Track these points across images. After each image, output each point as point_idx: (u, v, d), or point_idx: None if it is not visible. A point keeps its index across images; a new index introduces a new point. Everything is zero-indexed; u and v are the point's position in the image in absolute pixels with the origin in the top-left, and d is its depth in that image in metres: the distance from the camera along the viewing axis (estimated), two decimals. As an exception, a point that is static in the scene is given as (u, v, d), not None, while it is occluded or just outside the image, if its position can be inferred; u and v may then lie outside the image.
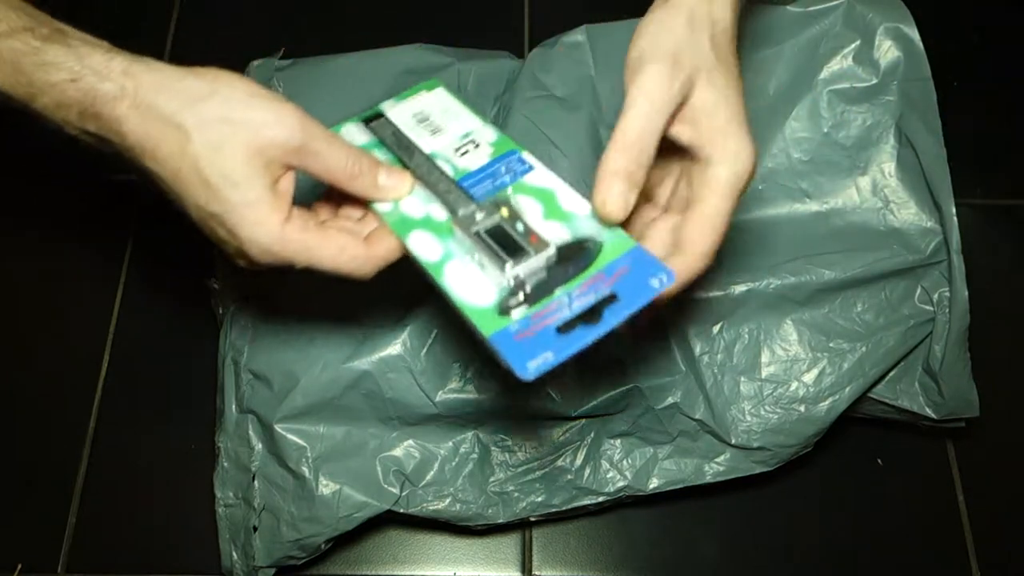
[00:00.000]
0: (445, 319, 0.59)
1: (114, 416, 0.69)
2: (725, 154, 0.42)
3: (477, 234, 0.42)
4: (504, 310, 0.40)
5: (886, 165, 0.62)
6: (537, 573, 0.64)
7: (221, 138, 0.40)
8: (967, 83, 0.79)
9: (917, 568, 0.64)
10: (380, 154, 0.47)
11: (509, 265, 0.41)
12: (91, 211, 0.76)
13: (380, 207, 0.45)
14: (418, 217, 0.45)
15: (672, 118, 0.42)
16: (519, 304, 0.40)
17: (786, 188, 0.62)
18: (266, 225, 0.41)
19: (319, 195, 0.47)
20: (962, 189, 0.59)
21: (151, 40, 0.83)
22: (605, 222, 0.42)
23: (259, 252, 0.41)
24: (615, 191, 0.41)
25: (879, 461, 0.67)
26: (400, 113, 0.50)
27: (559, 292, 0.40)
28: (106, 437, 0.68)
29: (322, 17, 0.85)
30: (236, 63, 0.69)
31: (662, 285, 0.40)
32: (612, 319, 0.39)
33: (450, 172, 0.46)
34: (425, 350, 0.59)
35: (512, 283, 0.41)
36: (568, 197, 0.45)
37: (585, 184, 0.62)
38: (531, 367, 0.38)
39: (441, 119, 0.50)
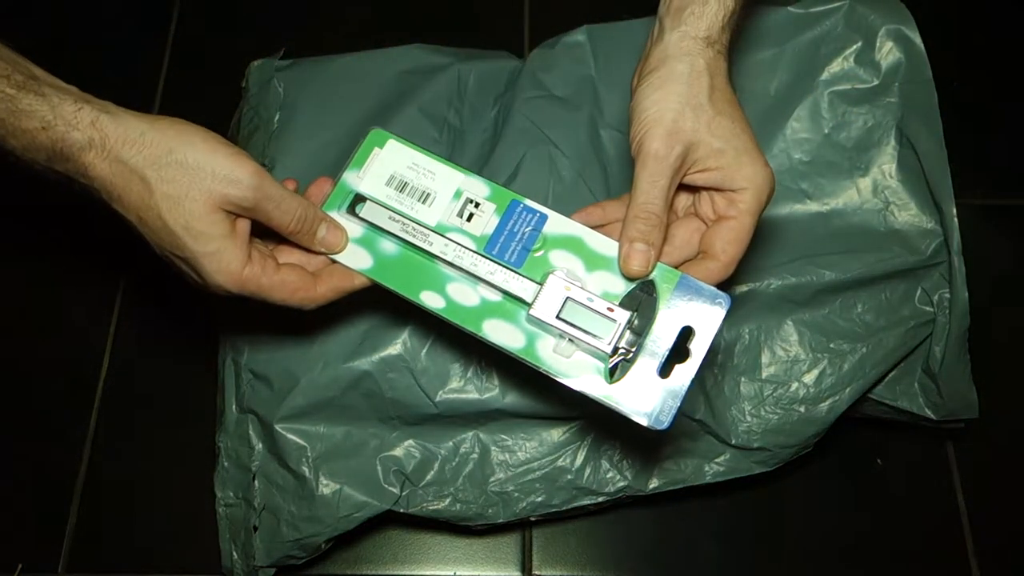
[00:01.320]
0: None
1: (114, 417, 0.69)
2: (745, 181, 0.47)
3: (560, 319, 0.46)
4: (613, 375, 0.45)
5: (887, 166, 0.62)
6: (537, 573, 0.64)
7: (180, 192, 0.42)
8: (967, 83, 0.79)
9: (917, 568, 0.64)
10: (389, 244, 0.49)
11: (605, 343, 0.45)
12: (91, 211, 0.76)
13: (432, 304, 0.48)
14: (476, 305, 0.48)
15: (680, 175, 0.47)
16: (624, 365, 0.45)
17: (787, 189, 0.62)
18: (225, 272, 0.44)
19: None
20: (962, 189, 0.59)
21: (151, 40, 0.83)
22: (629, 278, 0.47)
23: (219, 291, 0.45)
24: (637, 253, 0.46)
25: (879, 461, 0.67)
26: (373, 186, 0.50)
27: (647, 341, 0.45)
28: (106, 437, 0.68)
29: (322, 17, 0.85)
30: (236, 63, 0.70)
31: (724, 307, 0.45)
32: (700, 350, 0.45)
33: (472, 244, 0.48)
34: (425, 350, 0.59)
35: (612, 353, 0.45)
36: (596, 241, 0.48)
37: (585, 182, 0.62)
38: (664, 420, 0.44)
39: (420, 181, 0.50)
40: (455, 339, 0.59)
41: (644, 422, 0.44)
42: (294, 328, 0.60)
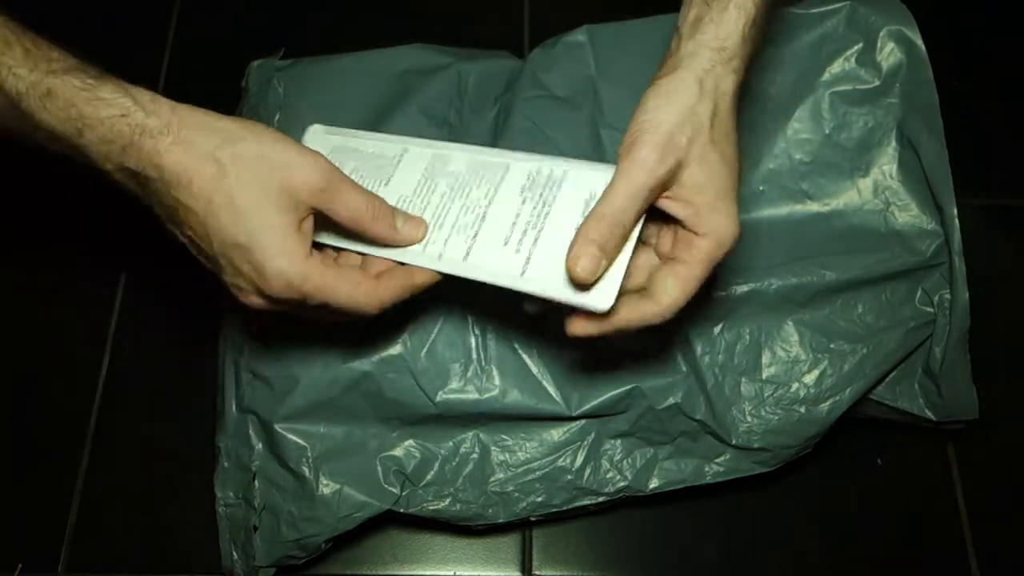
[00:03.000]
0: (445, 319, 0.59)
1: (114, 416, 0.69)
2: (709, 228, 0.44)
3: None
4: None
5: (887, 167, 0.62)
6: (537, 573, 0.64)
7: (255, 174, 0.42)
8: (967, 83, 0.79)
9: (917, 568, 0.64)
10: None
11: None
12: (91, 210, 0.76)
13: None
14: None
15: (658, 193, 0.44)
16: None
17: (787, 189, 0.62)
18: (292, 256, 0.43)
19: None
20: (962, 190, 0.59)
21: (151, 40, 0.83)
22: (573, 281, 0.43)
23: (280, 285, 0.43)
24: (586, 256, 0.42)
25: (879, 461, 0.67)
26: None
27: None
28: (106, 437, 0.68)
29: (322, 17, 0.85)
30: (236, 63, 0.70)
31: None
32: None
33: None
34: (425, 350, 0.59)
35: None
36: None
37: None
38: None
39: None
40: (456, 339, 0.59)
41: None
42: (294, 328, 0.60)
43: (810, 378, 0.59)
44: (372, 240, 0.47)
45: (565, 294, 0.44)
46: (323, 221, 0.46)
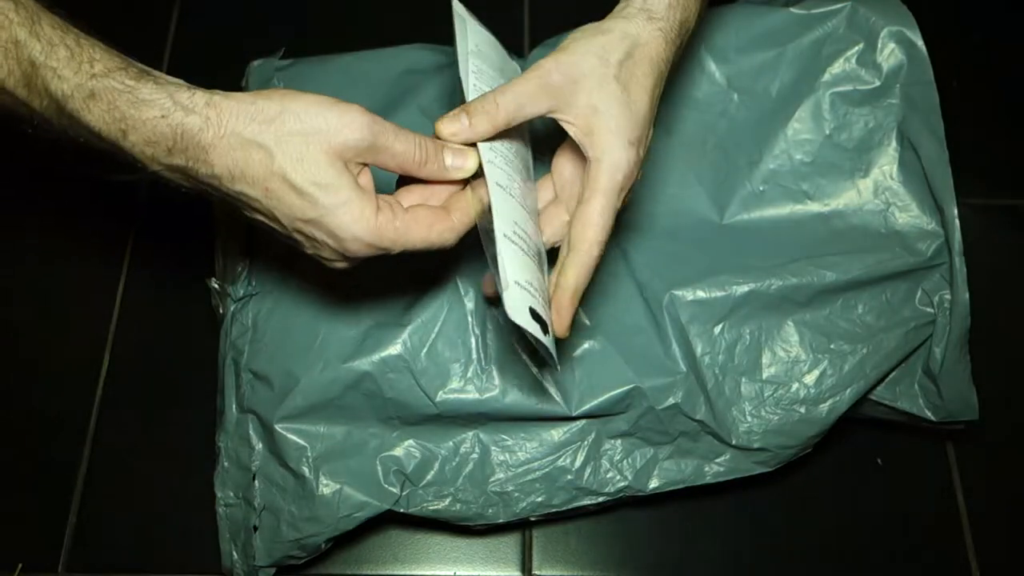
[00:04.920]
0: (445, 319, 0.59)
1: (114, 416, 0.69)
2: (602, 151, 0.47)
3: None
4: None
5: (887, 167, 0.62)
6: (537, 573, 0.64)
7: (301, 150, 0.43)
8: (967, 83, 0.79)
9: (917, 568, 0.64)
10: None
11: None
12: (91, 210, 0.76)
13: None
14: None
15: (548, 99, 0.47)
16: None
17: (788, 189, 0.62)
18: (362, 220, 0.44)
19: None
20: (961, 190, 0.59)
21: (151, 39, 0.83)
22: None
23: (360, 247, 0.45)
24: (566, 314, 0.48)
25: (879, 461, 0.67)
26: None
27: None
28: (106, 437, 0.68)
29: (322, 17, 0.85)
30: (236, 63, 0.70)
31: None
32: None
33: None
34: (425, 350, 0.59)
35: None
36: None
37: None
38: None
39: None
40: (456, 339, 0.59)
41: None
42: (295, 328, 0.60)
43: (810, 378, 0.59)
44: (424, 180, 0.48)
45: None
46: None
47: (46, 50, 0.41)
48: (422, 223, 0.46)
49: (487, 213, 0.46)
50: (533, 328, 0.45)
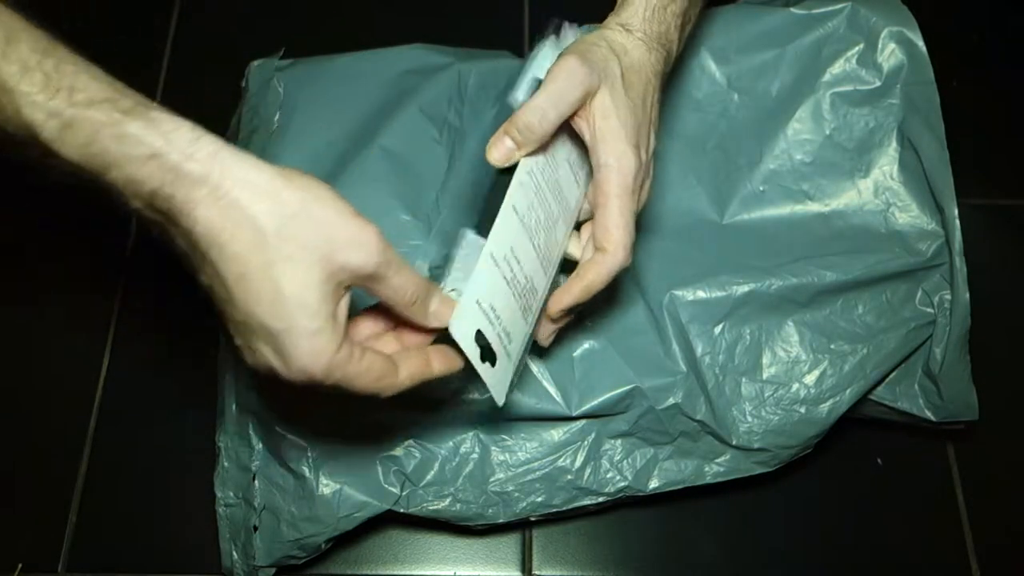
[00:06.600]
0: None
1: (114, 416, 0.69)
2: (611, 154, 0.47)
3: None
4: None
5: (888, 168, 0.62)
6: (537, 573, 0.64)
7: (299, 253, 0.38)
8: (967, 83, 0.79)
9: (917, 568, 0.64)
10: None
11: None
12: (91, 210, 0.76)
13: None
14: None
15: (574, 106, 0.47)
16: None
17: (788, 189, 0.62)
18: (320, 356, 0.39)
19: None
20: (961, 190, 0.59)
21: (151, 39, 0.83)
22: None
23: (300, 377, 0.40)
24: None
25: (879, 461, 0.67)
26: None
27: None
28: (106, 437, 0.68)
29: (322, 17, 0.85)
30: (236, 63, 0.70)
31: None
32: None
33: None
34: (426, 350, 0.59)
35: None
36: None
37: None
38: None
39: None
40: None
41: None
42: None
43: (810, 378, 0.59)
44: (401, 318, 0.45)
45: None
46: None
47: (19, 74, 0.37)
48: (373, 374, 0.42)
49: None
50: (470, 349, 0.44)
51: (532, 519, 0.61)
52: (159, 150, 0.37)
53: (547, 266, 0.50)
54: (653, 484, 0.60)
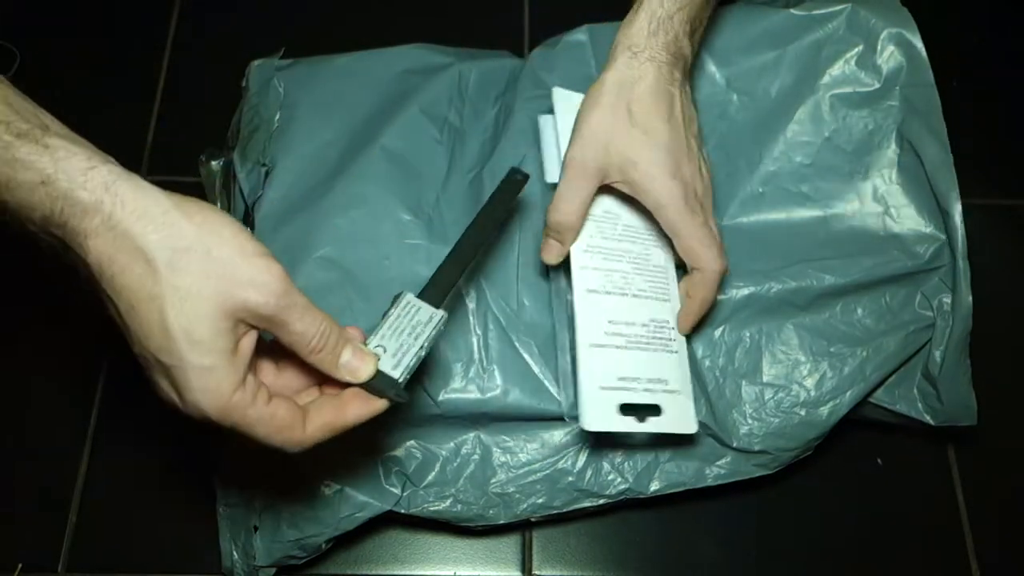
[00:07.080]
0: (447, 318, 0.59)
1: (115, 415, 0.69)
2: (652, 196, 0.52)
3: None
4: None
5: (887, 170, 0.62)
6: (537, 573, 0.64)
7: (192, 287, 0.37)
8: (967, 83, 0.79)
9: (917, 568, 0.64)
10: None
11: None
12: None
13: None
14: None
15: (597, 180, 0.53)
16: None
17: (787, 192, 0.62)
18: (214, 394, 0.38)
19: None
20: (962, 190, 0.59)
21: (151, 40, 0.83)
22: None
23: (196, 414, 0.39)
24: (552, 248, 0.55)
25: (879, 461, 0.67)
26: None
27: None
28: (106, 437, 0.68)
29: (322, 17, 0.84)
30: (236, 63, 0.70)
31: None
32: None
33: None
34: (426, 350, 0.59)
35: None
36: None
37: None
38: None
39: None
40: (457, 339, 0.59)
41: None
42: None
43: (810, 381, 0.59)
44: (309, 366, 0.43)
45: None
46: None
47: None
48: (275, 423, 0.40)
49: None
50: (620, 425, 0.49)
51: (532, 520, 0.61)
52: (48, 177, 0.36)
53: (661, 293, 0.55)
54: (654, 486, 0.60)
